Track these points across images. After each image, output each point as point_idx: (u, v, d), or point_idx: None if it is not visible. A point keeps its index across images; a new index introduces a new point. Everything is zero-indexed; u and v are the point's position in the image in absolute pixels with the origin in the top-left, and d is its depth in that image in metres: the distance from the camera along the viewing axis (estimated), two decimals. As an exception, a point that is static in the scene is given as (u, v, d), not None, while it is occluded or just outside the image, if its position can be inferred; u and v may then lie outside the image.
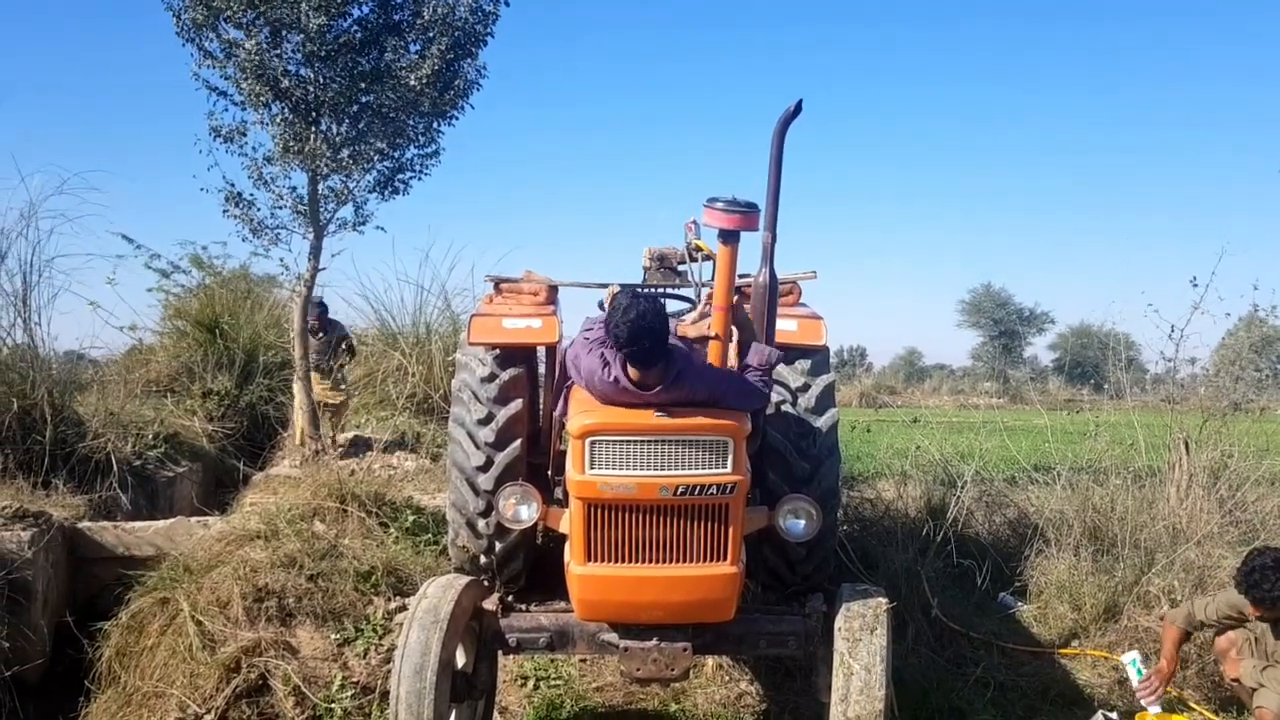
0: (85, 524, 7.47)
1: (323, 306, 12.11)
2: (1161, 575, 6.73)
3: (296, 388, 11.08)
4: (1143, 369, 12.38)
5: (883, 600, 4.78)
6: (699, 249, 6.32)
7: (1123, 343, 9.85)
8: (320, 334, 11.89)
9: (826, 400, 5.79)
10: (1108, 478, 7.91)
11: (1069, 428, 10.57)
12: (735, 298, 5.01)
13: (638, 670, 4.68)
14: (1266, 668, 5.06)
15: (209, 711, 5.45)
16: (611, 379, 4.40)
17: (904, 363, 64.64)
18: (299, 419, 11.03)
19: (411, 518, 7.54)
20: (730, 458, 4.40)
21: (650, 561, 4.47)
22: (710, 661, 6.19)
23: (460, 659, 4.82)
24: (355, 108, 10.42)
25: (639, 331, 4.20)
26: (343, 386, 12.11)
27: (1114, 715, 5.33)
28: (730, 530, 4.48)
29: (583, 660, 6.30)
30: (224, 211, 10.52)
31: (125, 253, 14.34)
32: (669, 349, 4.38)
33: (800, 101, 4.84)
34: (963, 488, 7.94)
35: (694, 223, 6.35)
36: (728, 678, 6.17)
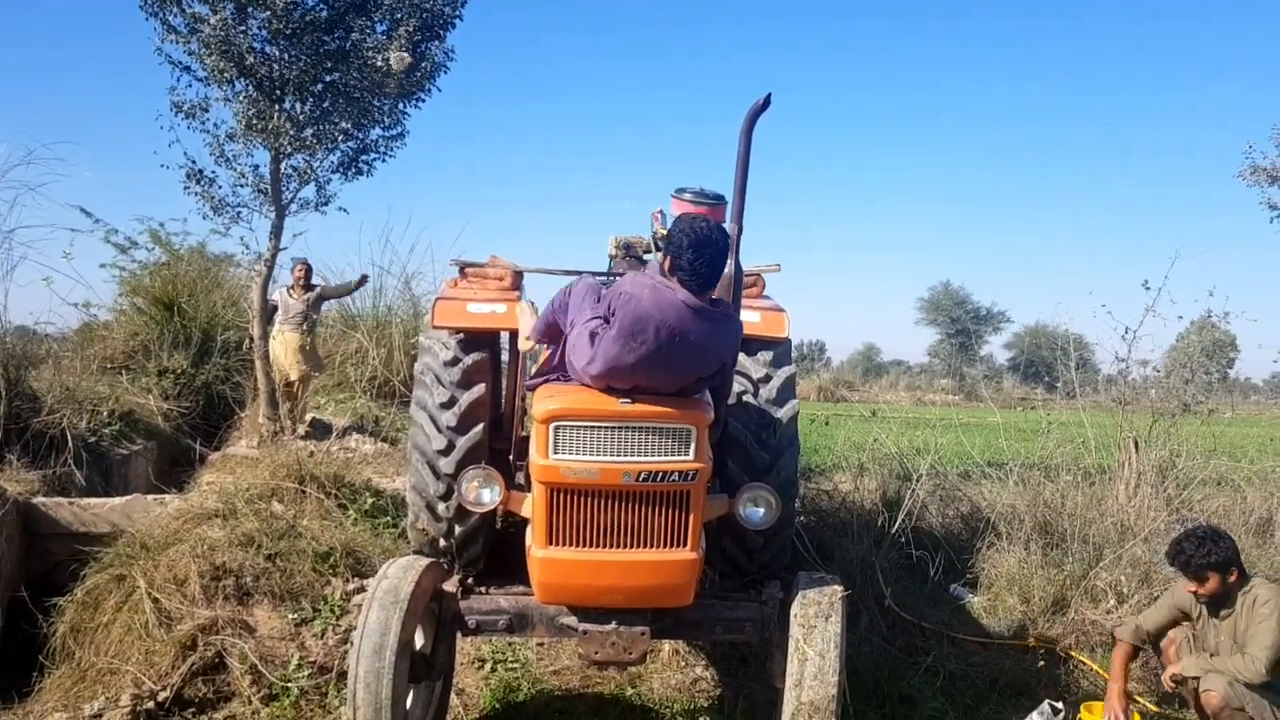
0: (40, 499, 7.40)
1: (308, 265, 11.96)
2: (1109, 570, 6.88)
3: (258, 367, 11.00)
4: (1095, 369, 12.58)
5: (838, 589, 4.85)
6: (665, 238, 6.36)
7: (1074, 343, 10.00)
8: (305, 291, 11.74)
9: (787, 392, 5.85)
10: (1058, 474, 8.07)
11: (1022, 425, 10.75)
12: None
13: (596, 653, 4.71)
14: (1212, 655, 5.19)
15: (165, 689, 5.41)
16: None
17: (862, 358, 65.28)
18: (261, 399, 10.95)
19: (370, 500, 7.54)
20: (693, 446, 4.44)
21: (611, 546, 4.50)
22: (667, 647, 6.25)
23: (419, 640, 4.84)
24: (320, 87, 10.39)
25: (703, 241, 4.22)
26: (313, 361, 11.91)
27: (1060, 705, 5.44)
28: (691, 517, 4.52)
29: (540, 644, 6.33)
30: (184, 188, 10.47)
31: (83, 227, 14.13)
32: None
33: (769, 95, 4.87)
34: (918, 481, 8.06)
35: (660, 212, 6.40)
36: (684, 663, 6.23)
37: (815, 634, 4.66)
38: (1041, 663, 6.30)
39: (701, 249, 4.25)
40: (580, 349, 4.43)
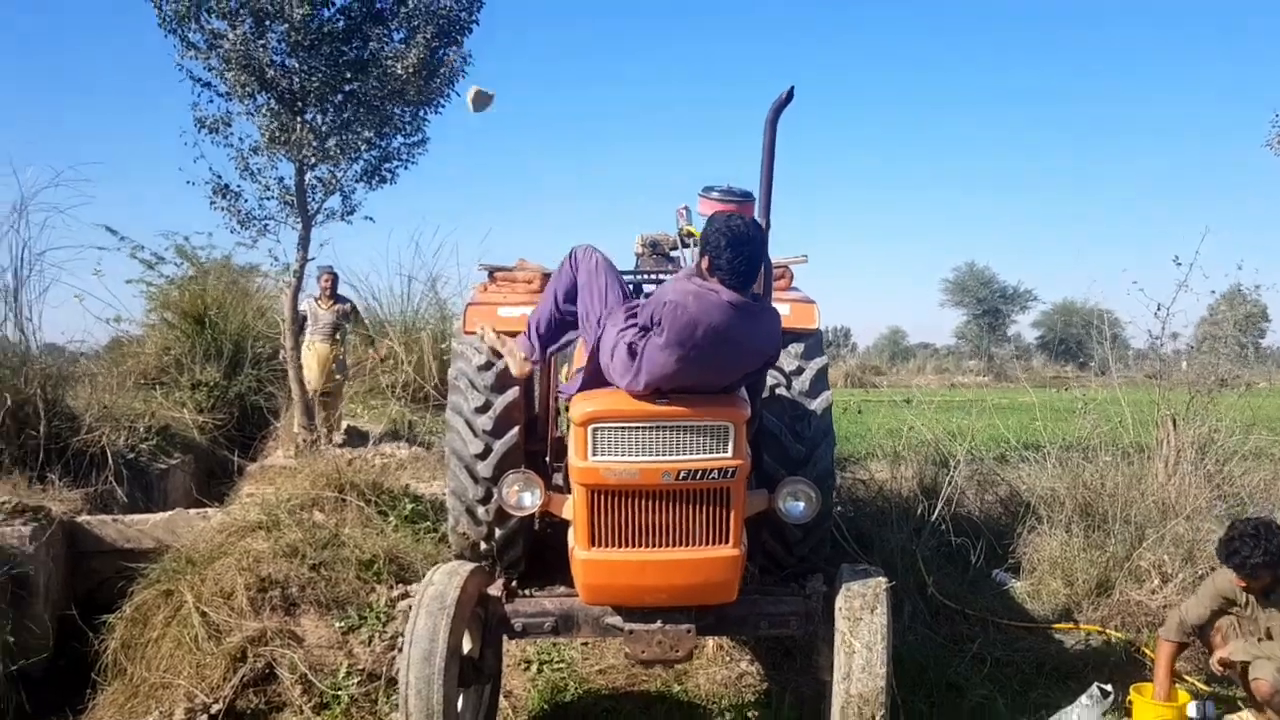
0: (84, 518, 7.49)
1: (334, 272, 12.06)
2: (1152, 550, 6.84)
3: (291, 377, 11.09)
4: (1126, 345, 12.50)
5: (882, 580, 4.84)
6: (690, 234, 6.38)
7: (1106, 320, 9.93)
8: (333, 301, 11.86)
9: (820, 383, 5.84)
10: (1097, 455, 8.01)
11: (1056, 405, 10.67)
12: None
13: (642, 652, 4.73)
14: (1261, 640, 5.14)
15: (217, 701, 5.48)
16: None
17: (888, 342, 64.97)
18: (295, 410, 11.04)
19: (410, 506, 7.58)
20: (731, 443, 4.45)
21: (654, 545, 4.51)
22: (711, 643, 6.26)
23: (467, 645, 4.87)
24: (340, 97, 10.43)
25: (740, 239, 4.25)
26: (339, 374, 12.03)
27: (1109, 688, 5.41)
28: (732, 513, 4.53)
29: (585, 644, 6.36)
30: (211, 203, 10.55)
31: (109, 245, 14.28)
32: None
33: (792, 89, 4.86)
34: (955, 467, 8.03)
35: (685, 209, 6.41)
36: (729, 658, 6.25)
37: (861, 626, 4.65)
38: (1088, 646, 6.28)
39: (740, 246, 4.26)
40: (620, 365, 4.42)
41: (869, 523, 7.58)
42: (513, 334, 5.83)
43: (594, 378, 4.64)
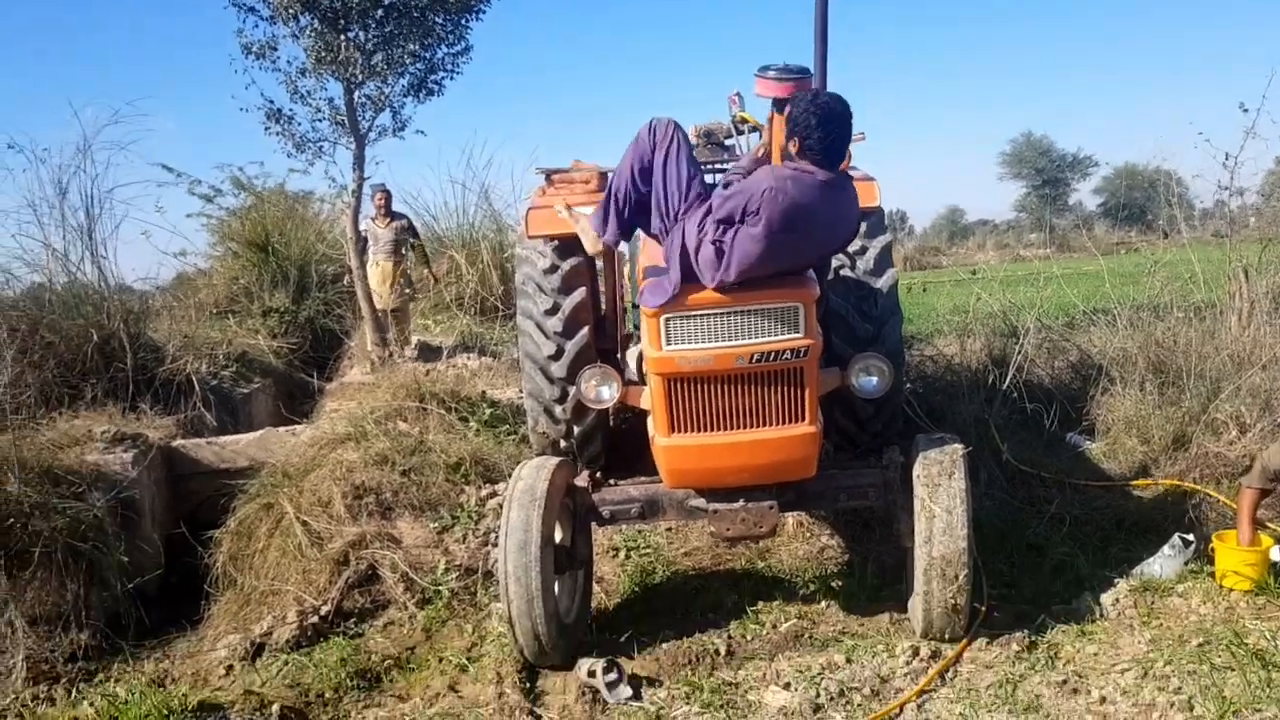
0: (179, 442, 7.80)
1: (387, 190, 12.20)
2: (1229, 401, 6.81)
3: (360, 296, 11.31)
4: (1191, 205, 12.21)
5: (958, 446, 4.93)
6: (744, 120, 6.36)
7: (1173, 179, 9.72)
8: (390, 219, 12.02)
9: (884, 261, 5.86)
10: (1168, 312, 7.95)
11: (1123, 270, 10.54)
12: None
13: (728, 530, 4.90)
14: None
15: (325, 603, 5.77)
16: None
17: (946, 222, 63.83)
18: (366, 329, 11.28)
19: (489, 411, 7.80)
20: (802, 323, 4.52)
21: (732, 428, 4.64)
22: (791, 520, 6.42)
23: (559, 534, 5.06)
24: (381, 11, 10.40)
25: (830, 116, 4.30)
26: (408, 289, 12.23)
27: (1190, 537, 5.48)
28: (806, 392, 4.63)
29: (669, 529, 6.56)
30: (265, 129, 10.66)
31: (166, 181, 14.51)
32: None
33: (842, -38, 4.83)
34: (1024, 335, 8.02)
35: (738, 95, 6.37)
36: (809, 534, 6.40)
37: (940, 491, 4.76)
38: (1167, 499, 6.33)
39: (830, 124, 4.30)
40: (707, 264, 4.42)
41: (940, 397, 7.63)
42: (576, 236, 5.92)
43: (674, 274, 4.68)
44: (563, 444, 6.01)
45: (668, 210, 4.65)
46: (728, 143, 7.02)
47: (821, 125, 4.28)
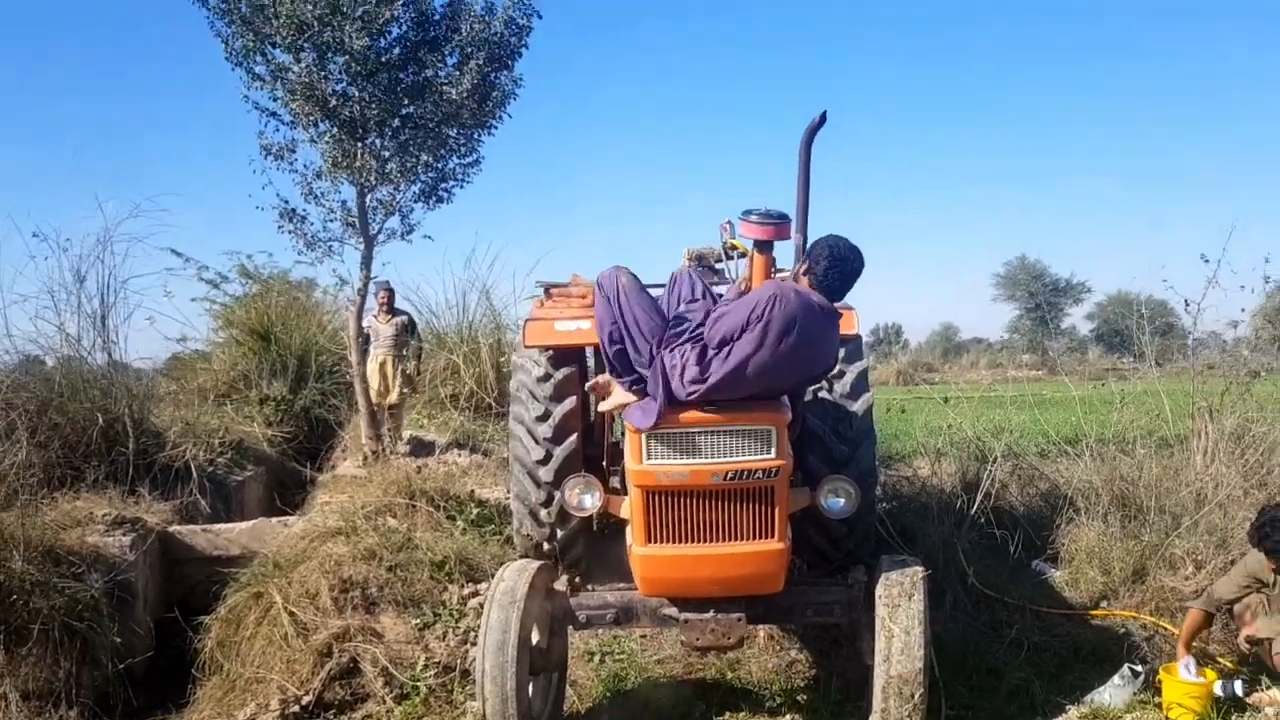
0: (176, 528, 8.04)
1: (390, 289, 12.56)
2: (1186, 537, 7.09)
3: (358, 390, 11.59)
4: (1183, 334, 12.56)
5: (919, 569, 5.19)
6: (734, 247, 6.77)
7: (1150, 309, 10.09)
8: (391, 315, 12.35)
9: (861, 385, 6.20)
10: (1133, 447, 8.26)
11: (1109, 398, 10.83)
12: None
13: (697, 639, 5.13)
14: None
15: (307, 693, 5.95)
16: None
17: (940, 339, 64.52)
18: (361, 423, 11.55)
19: (476, 510, 8.05)
20: (774, 444, 4.82)
21: (705, 541, 4.90)
22: (762, 633, 6.63)
23: (535, 636, 5.28)
24: (398, 122, 10.90)
25: (840, 257, 4.82)
26: (406, 386, 12.52)
27: (1140, 668, 5.71)
28: (776, 510, 4.91)
29: (644, 635, 6.76)
30: (279, 227, 11.07)
31: (175, 266, 14.90)
32: None
33: (825, 113, 5.25)
34: (994, 463, 8.32)
35: (729, 223, 6.78)
36: (779, 647, 6.60)
37: (900, 612, 5.00)
38: (1123, 630, 6.57)
39: (837, 262, 4.81)
40: (690, 375, 4.74)
41: (912, 517, 7.89)
42: (569, 347, 6.26)
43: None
44: (546, 547, 6.27)
45: (646, 354, 4.98)
46: (718, 266, 7.42)
47: (829, 259, 4.80)
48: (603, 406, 5.57)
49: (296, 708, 5.88)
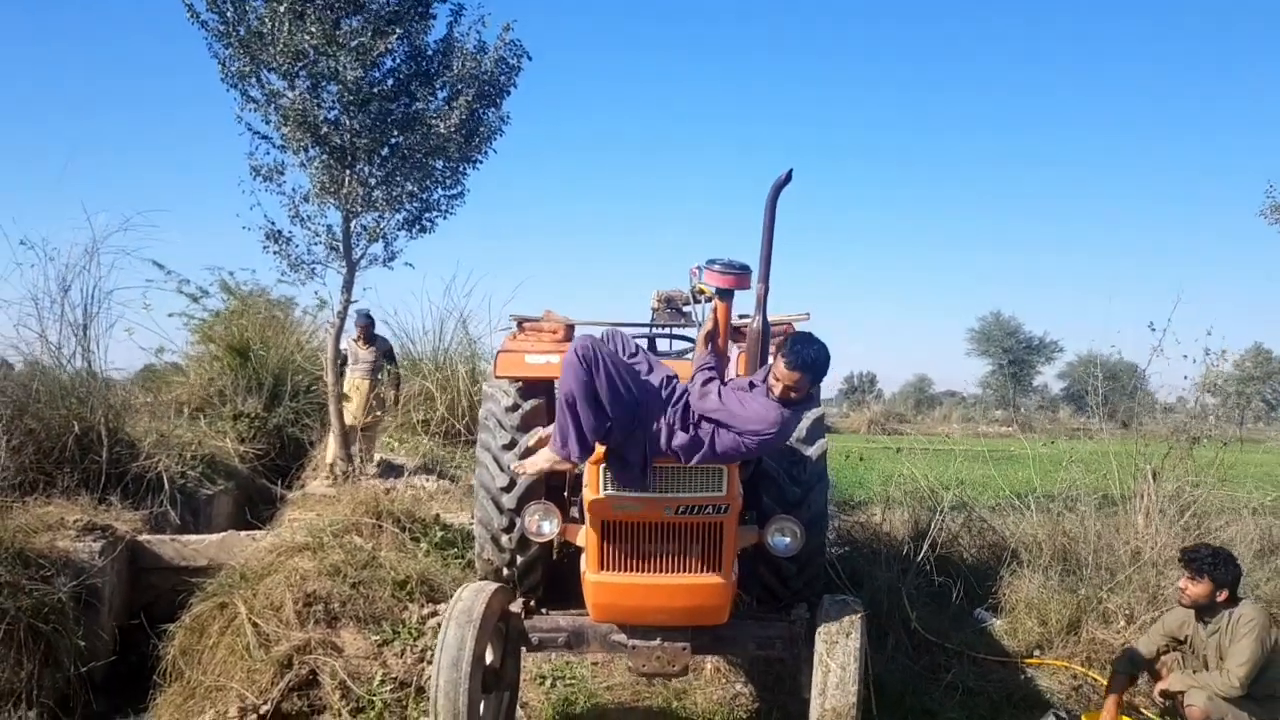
0: (145, 537, 8.20)
1: (369, 318, 12.78)
2: (1119, 593, 7.39)
3: (332, 411, 11.78)
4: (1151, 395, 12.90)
5: (858, 609, 5.45)
6: (702, 291, 7.02)
7: (1127, 371, 10.40)
8: (370, 344, 12.55)
9: (816, 432, 6.45)
10: (1075, 504, 8.57)
11: (1077, 455, 11.11)
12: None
13: (644, 666, 5.36)
14: (1195, 671, 5.71)
15: (265, 703, 6.13)
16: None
17: (914, 390, 65.08)
18: (333, 442, 11.73)
19: (440, 533, 8.25)
20: (725, 483, 5.08)
21: (655, 571, 5.14)
22: (709, 665, 6.86)
23: (490, 655, 5.49)
24: (387, 151, 11.17)
25: (807, 365, 4.79)
26: (378, 410, 12.70)
27: (1064, 714, 5.99)
28: (724, 545, 5.16)
29: (594, 662, 6.97)
30: (264, 248, 11.26)
31: (156, 279, 15.05)
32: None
33: (790, 171, 5.53)
34: (940, 513, 8.61)
35: (699, 267, 7.04)
36: (725, 680, 6.84)
37: (837, 648, 5.25)
38: (1055, 679, 6.84)
39: (810, 372, 4.80)
40: (681, 447, 4.85)
41: (863, 561, 8.17)
42: (539, 380, 6.49)
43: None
44: (505, 572, 6.47)
45: (625, 429, 4.90)
46: (685, 309, 7.71)
47: (803, 369, 4.74)
48: (523, 465, 5.35)
49: (254, 717, 6.06)
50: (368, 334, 12.63)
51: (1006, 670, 7.00)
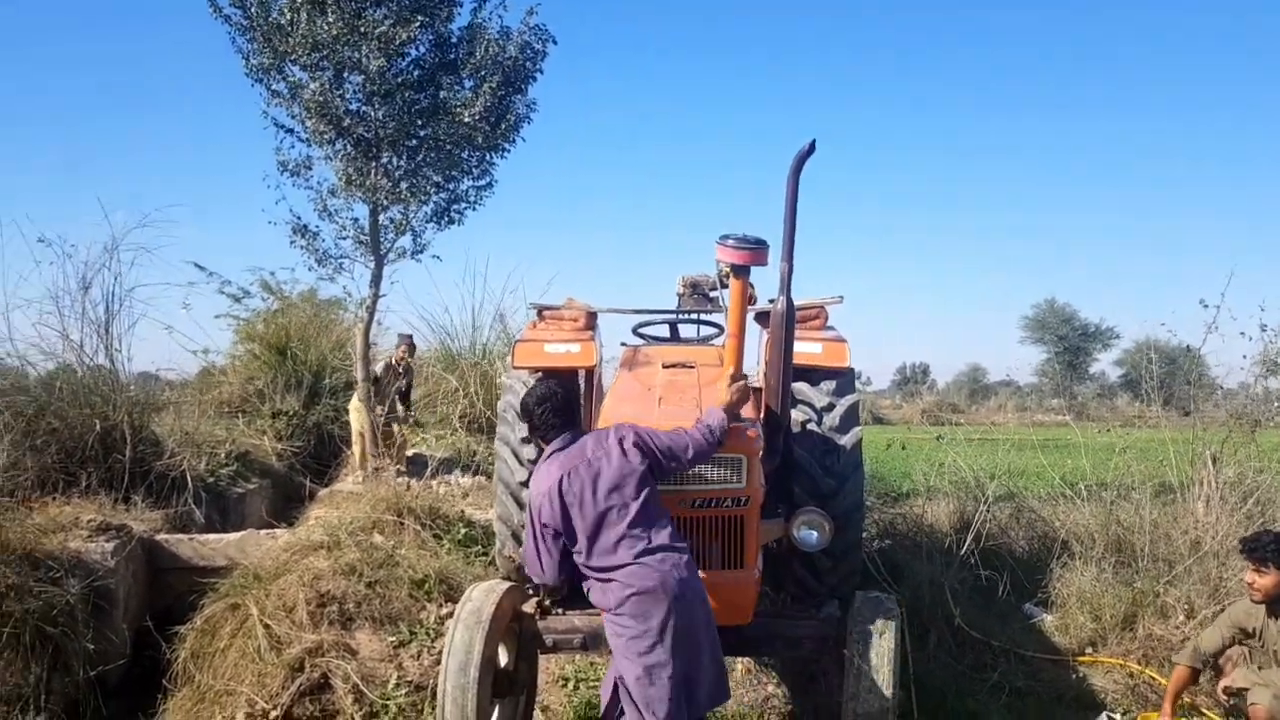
0: (162, 536, 8.03)
1: (412, 344, 12.67)
2: (1178, 585, 6.96)
3: (356, 408, 11.64)
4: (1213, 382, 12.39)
5: (893, 607, 5.10)
6: (729, 275, 6.71)
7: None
8: (402, 376, 12.47)
9: (850, 419, 6.11)
10: (1130, 493, 8.13)
11: (1100, 444, 10.67)
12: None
13: (664, 668, 5.04)
14: (1261, 667, 5.28)
15: (275, 708, 5.90)
16: None
17: (968, 380, 64.10)
18: (360, 438, 11.58)
19: (463, 531, 8.02)
20: (745, 473, 4.77)
21: (674, 568, 4.84)
22: (740, 664, 6.54)
23: (503, 658, 5.22)
24: (413, 142, 10.97)
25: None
26: (398, 427, 12.60)
27: (1118, 717, 5.59)
28: (746, 539, 4.85)
29: (619, 664, 6.67)
30: (291, 242, 11.15)
31: (197, 280, 15.04)
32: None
33: (813, 142, 5.20)
34: (985, 504, 8.21)
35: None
36: (756, 681, 6.51)
37: (870, 649, 4.91)
38: (1109, 678, 6.43)
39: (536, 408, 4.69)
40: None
41: (904, 555, 7.80)
42: (559, 369, 6.22)
43: None
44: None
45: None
46: (712, 294, 7.40)
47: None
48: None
49: (264, 721, 5.84)
50: (410, 355, 12.60)
51: (1057, 669, 6.61)
